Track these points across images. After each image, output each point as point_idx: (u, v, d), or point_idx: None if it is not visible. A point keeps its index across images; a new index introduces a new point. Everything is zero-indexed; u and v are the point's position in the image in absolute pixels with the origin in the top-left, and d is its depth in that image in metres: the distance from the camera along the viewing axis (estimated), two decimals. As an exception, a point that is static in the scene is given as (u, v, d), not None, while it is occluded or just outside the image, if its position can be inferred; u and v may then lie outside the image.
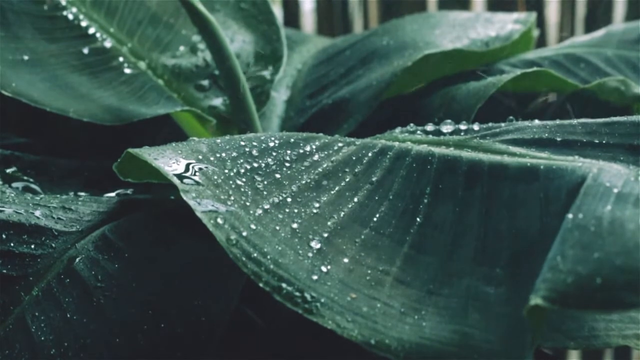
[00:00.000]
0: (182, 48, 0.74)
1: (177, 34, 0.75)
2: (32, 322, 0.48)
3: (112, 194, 0.62)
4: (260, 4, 0.79)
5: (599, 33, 0.79)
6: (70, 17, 0.72)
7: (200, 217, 0.42)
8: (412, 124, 0.55)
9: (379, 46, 0.77)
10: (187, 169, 0.47)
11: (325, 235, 0.44)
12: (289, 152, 0.50)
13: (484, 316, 0.40)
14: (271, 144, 0.51)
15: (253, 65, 0.74)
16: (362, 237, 0.45)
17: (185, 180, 0.45)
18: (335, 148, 0.51)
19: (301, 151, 0.50)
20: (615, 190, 0.40)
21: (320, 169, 0.49)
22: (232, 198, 0.45)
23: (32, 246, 0.51)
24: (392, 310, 0.41)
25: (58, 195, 0.58)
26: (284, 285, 0.40)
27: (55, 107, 0.65)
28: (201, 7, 0.64)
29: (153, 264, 0.51)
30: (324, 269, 0.42)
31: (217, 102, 0.71)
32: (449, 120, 0.53)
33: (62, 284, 0.49)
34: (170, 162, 0.47)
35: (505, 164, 0.46)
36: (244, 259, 0.41)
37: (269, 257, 0.41)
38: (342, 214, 0.46)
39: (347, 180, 0.48)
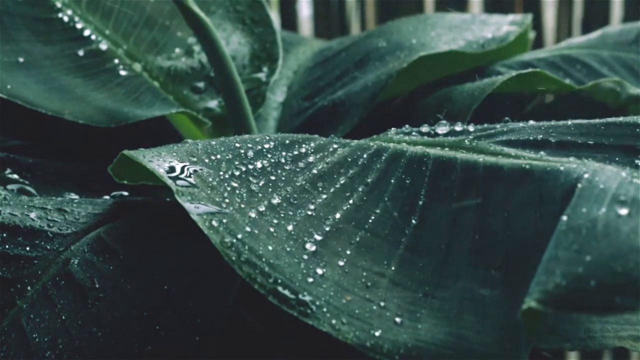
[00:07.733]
0: (177, 50, 0.74)
1: (172, 36, 0.75)
2: (27, 324, 0.47)
3: (108, 196, 0.62)
4: (256, 6, 0.79)
5: (595, 34, 0.79)
6: (66, 19, 0.72)
7: (195, 219, 0.42)
8: (407, 125, 0.55)
9: (375, 48, 0.77)
10: (182, 171, 0.47)
11: (321, 237, 0.44)
12: (284, 153, 0.50)
13: (480, 318, 0.40)
14: (266, 146, 0.51)
15: (249, 67, 0.74)
16: (358, 239, 0.45)
17: (180, 183, 0.45)
18: (331, 149, 0.51)
19: (296, 153, 0.50)
20: (610, 192, 0.40)
21: (315, 171, 0.49)
22: (227, 200, 0.45)
23: (27, 248, 0.51)
24: (388, 313, 0.41)
25: (53, 198, 0.58)
26: (279, 287, 0.40)
27: (51, 109, 0.65)
28: (196, 9, 0.64)
29: (148, 266, 0.50)
30: (319, 271, 0.42)
31: (213, 104, 0.71)
32: (444, 122, 0.53)
33: (57, 286, 0.49)
34: (165, 164, 0.47)
35: (500, 165, 0.46)
36: (239, 261, 0.41)
37: (264, 259, 0.41)
38: (337, 215, 0.46)
39: (342, 181, 0.48)
